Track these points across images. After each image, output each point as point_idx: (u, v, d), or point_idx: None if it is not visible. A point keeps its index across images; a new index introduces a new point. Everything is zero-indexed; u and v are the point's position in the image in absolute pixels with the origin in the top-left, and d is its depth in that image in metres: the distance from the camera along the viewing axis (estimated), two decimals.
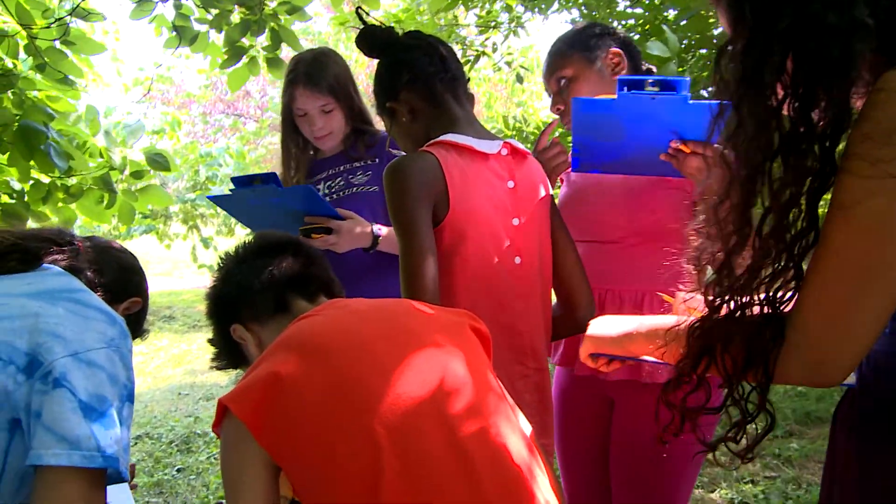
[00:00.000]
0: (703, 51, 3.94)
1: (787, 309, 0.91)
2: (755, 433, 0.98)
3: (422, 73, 1.64)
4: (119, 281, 1.51)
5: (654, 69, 2.05)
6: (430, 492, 1.04)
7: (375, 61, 1.73)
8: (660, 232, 1.80)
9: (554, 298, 1.78)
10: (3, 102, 2.71)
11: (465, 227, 1.55)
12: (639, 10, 4.30)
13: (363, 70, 11.12)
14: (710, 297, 0.95)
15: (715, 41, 4.00)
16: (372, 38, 1.69)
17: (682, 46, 3.66)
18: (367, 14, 1.74)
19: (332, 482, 1.06)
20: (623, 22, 4.32)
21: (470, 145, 1.59)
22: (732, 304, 0.92)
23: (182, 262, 13.14)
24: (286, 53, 3.23)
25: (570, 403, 1.93)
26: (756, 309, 0.92)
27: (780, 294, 0.91)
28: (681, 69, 3.65)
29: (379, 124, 2.11)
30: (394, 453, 1.05)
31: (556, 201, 1.94)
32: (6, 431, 1.13)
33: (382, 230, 2.05)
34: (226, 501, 1.13)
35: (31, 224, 2.99)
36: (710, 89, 1.61)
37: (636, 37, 3.85)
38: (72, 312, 1.20)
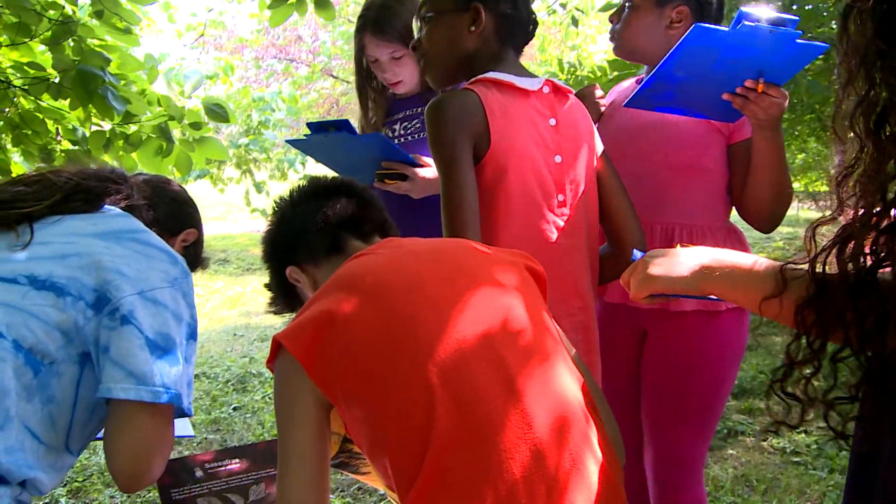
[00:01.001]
0: None
1: None
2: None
3: (510, 8, 1.64)
4: (173, 214, 1.55)
5: None
6: (482, 432, 1.04)
7: None
8: (693, 168, 1.89)
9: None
10: (65, 49, 2.74)
11: (507, 163, 1.56)
12: None
13: None
14: (829, 264, 0.89)
15: None
16: None
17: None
18: None
19: (383, 421, 1.08)
20: None
21: (511, 82, 1.60)
22: (861, 271, 0.87)
23: (236, 207, 13.34)
24: None
25: (603, 333, 1.95)
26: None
27: None
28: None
29: None
30: (447, 393, 1.05)
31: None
32: (77, 364, 1.18)
33: None
34: (278, 436, 1.15)
35: None
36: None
37: None
38: (136, 252, 1.23)
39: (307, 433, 1.12)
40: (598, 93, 2.09)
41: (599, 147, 1.75)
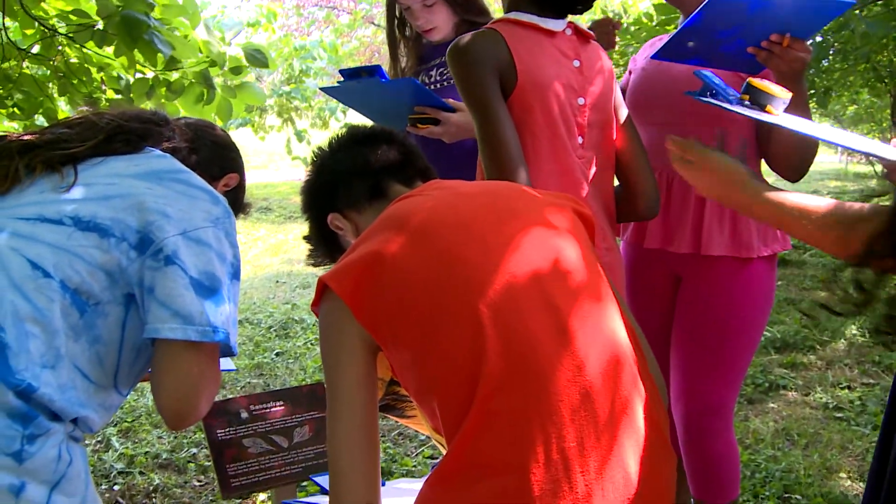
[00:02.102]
0: None
1: None
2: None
3: None
4: (214, 158, 1.55)
5: None
6: (533, 375, 1.04)
7: None
8: (720, 117, 1.90)
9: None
10: None
11: (534, 101, 1.57)
12: None
13: None
14: None
15: None
16: None
17: None
18: None
19: (432, 362, 1.07)
20: None
21: (534, 22, 1.60)
22: None
23: (277, 155, 13.41)
24: None
25: (638, 278, 2.05)
26: None
27: None
28: None
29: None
30: (497, 334, 1.05)
31: (621, 86, 2.03)
32: (122, 306, 1.20)
33: None
34: (325, 379, 1.15)
35: None
36: None
37: None
38: (178, 193, 1.23)
39: (354, 375, 1.11)
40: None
41: (618, 94, 1.76)
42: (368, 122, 1.80)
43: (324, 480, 1.64)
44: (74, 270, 1.15)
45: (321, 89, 2.41)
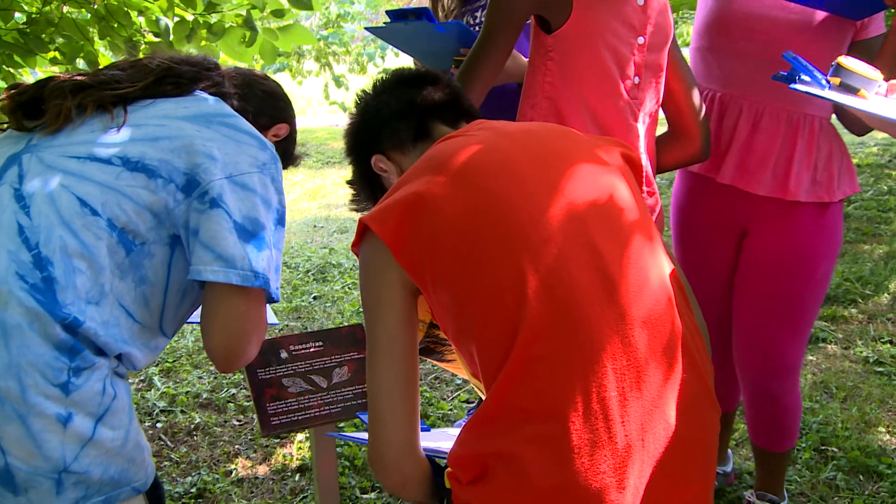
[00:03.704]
0: None
1: None
2: None
3: None
4: (264, 107, 1.55)
5: None
6: (573, 320, 1.03)
7: None
8: (817, 60, 1.76)
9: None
10: None
11: (587, 37, 1.54)
12: None
13: None
14: None
15: None
16: None
17: None
18: None
19: (472, 306, 1.06)
20: None
21: None
22: None
23: (315, 100, 13.35)
24: None
25: (700, 217, 1.95)
26: None
27: None
28: None
29: None
30: (538, 278, 1.03)
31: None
32: (168, 246, 1.21)
33: None
34: (365, 321, 1.16)
35: None
36: None
37: None
38: (226, 136, 1.24)
39: (394, 316, 1.11)
40: None
41: (674, 35, 1.72)
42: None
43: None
44: (122, 210, 1.16)
45: (366, 28, 2.40)
